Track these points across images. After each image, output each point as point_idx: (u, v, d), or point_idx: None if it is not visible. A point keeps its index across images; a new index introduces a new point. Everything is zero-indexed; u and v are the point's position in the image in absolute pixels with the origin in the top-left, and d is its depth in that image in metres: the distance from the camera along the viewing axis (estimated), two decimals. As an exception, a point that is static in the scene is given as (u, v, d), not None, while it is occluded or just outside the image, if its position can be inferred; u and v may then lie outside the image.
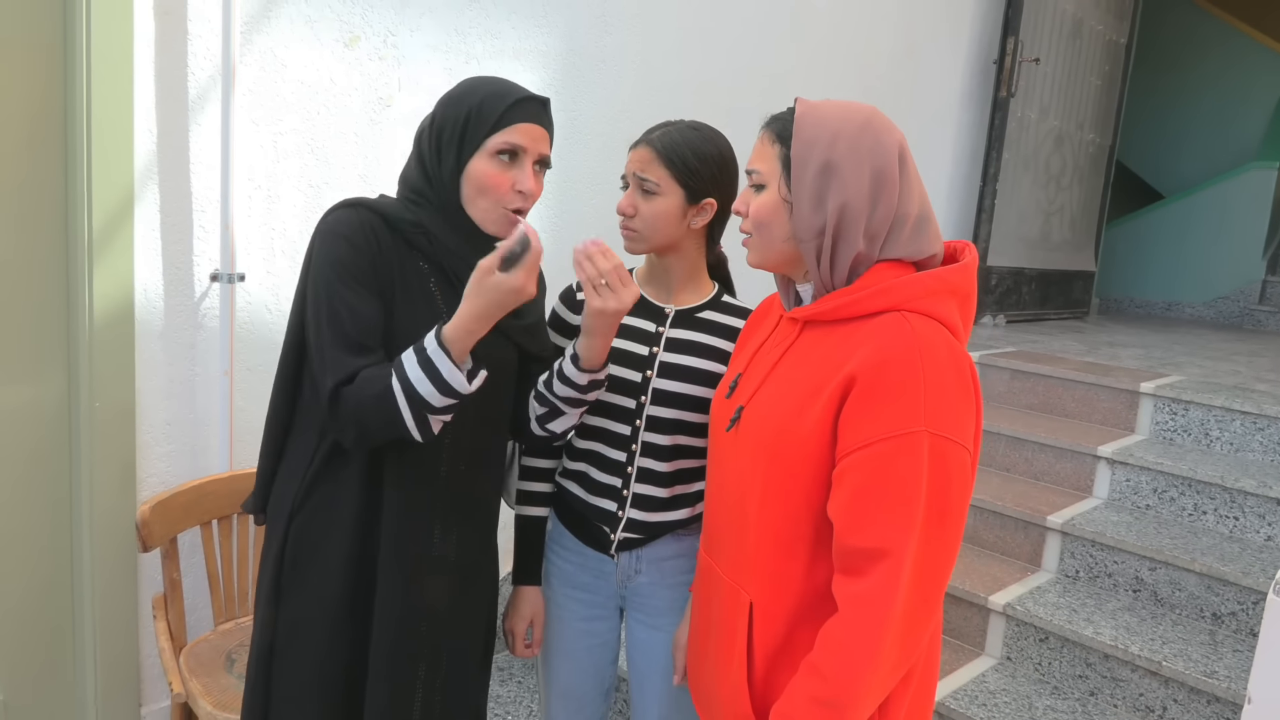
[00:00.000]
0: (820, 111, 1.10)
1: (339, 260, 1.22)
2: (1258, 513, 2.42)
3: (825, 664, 1.00)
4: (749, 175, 1.16)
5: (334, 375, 1.21)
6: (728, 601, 1.17)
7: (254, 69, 1.98)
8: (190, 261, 1.95)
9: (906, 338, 1.01)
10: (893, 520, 0.98)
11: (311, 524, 1.31)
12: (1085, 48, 4.48)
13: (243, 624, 2.05)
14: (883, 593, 0.97)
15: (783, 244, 1.13)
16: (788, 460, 1.07)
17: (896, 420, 0.98)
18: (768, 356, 1.19)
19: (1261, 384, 3.03)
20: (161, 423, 1.97)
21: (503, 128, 1.24)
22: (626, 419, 1.46)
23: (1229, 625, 2.23)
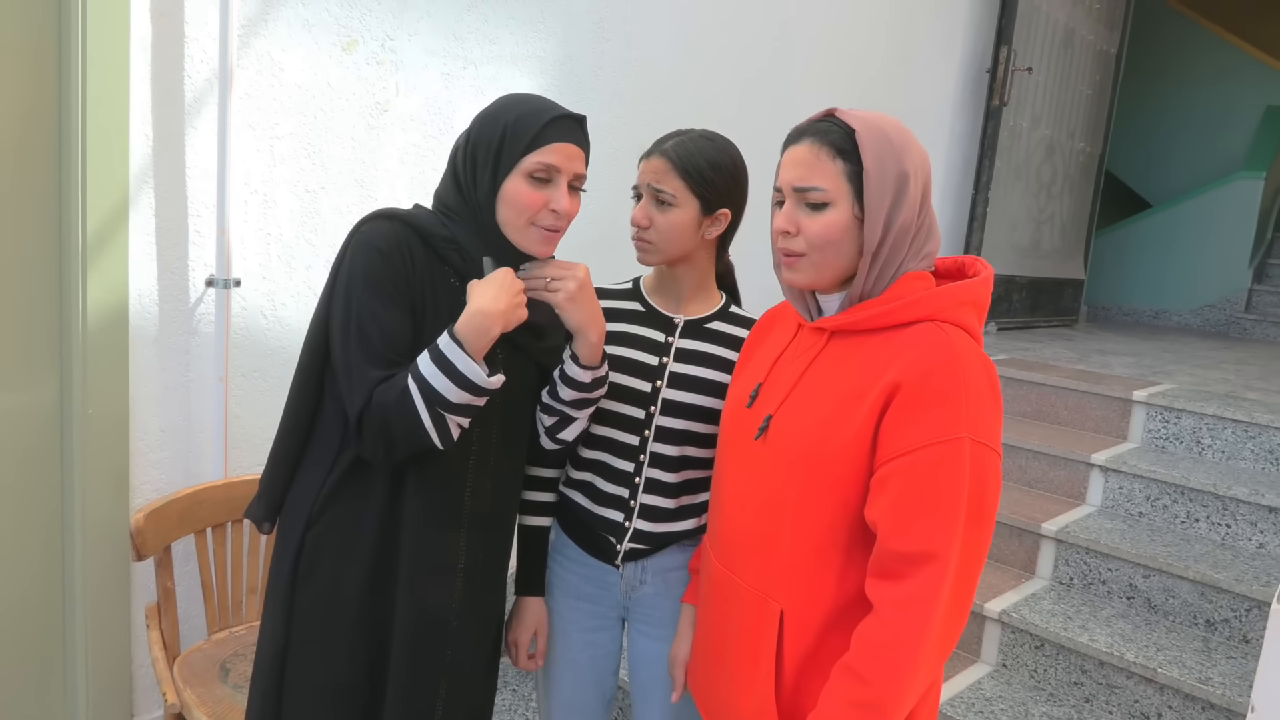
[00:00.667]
0: (875, 123, 1.10)
1: (371, 274, 1.22)
2: (1249, 520, 2.44)
3: (865, 667, 1.01)
4: (804, 193, 1.11)
5: (362, 392, 1.20)
6: (752, 612, 1.16)
7: (251, 73, 1.96)
8: (185, 266, 1.93)
9: (946, 347, 1.04)
10: (938, 524, 1.00)
11: (329, 535, 1.30)
12: (1076, 57, 4.51)
13: (237, 633, 2.03)
14: (927, 595, 0.99)
15: (846, 261, 1.12)
16: (825, 467, 1.08)
17: (940, 427, 1.01)
18: (792, 365, 1.18)
19: (1252, 392, 3.05)
20: (155, 429, 1.95)
21: (537, 148, 1.23)
22: (635, 429, 1.46)
23: (1222, 632, 2.24)
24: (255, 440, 2.10)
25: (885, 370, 1.06)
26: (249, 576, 2.07)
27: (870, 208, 1.08)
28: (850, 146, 1.09)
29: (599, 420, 1.47)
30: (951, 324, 1.08)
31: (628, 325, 1.50)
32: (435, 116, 2.29)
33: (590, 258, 1.50)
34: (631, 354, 1.46)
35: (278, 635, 1.32)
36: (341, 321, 1.23)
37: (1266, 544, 2.41)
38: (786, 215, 1.13)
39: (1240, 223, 5.52)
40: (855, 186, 1.09)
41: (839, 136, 1.10)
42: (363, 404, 1.20)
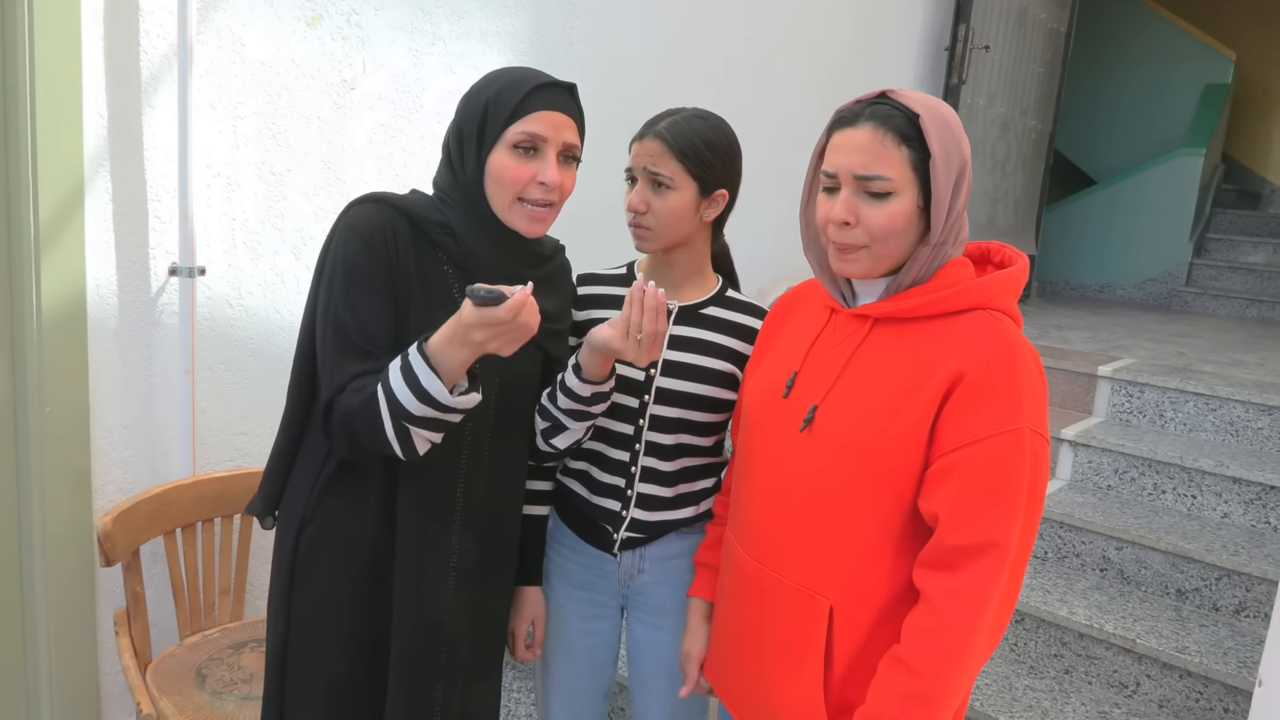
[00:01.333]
0: (935, 109, 1.06)
1: (350, 262, 1.16)
2: (1214, 491, 2.50)
3: (917, 659, 1.00)
4: (867, 181, 1.05)
5: (332, 386, 1.16)
6: (797, 609, 1.12)
7: (211, 48, 1.86)
8: (146, 254, 1.83)
9: (1005, 337, 1.03)
10: (1000, 515, 0.99)
11: (324, 535, 1.25)
12: (1030, 35, 4.56)
13: (211, 636, 1.94)
14: (984, 586, 0.98)
15: (904, 251, 1.09)
16: (880, 459, 1.05)
17: (1003, 417, 1.00)
18: (832, 354, 1.14)
19: (1207, 365, 3.13)
20: (118, 427, 1.85)
21: (520, 117, 1.17)
22: (629, 418, 1.42)
23: (1193, 601, 2.30)
24: (223, 435, 2.01)
25: (943, 360, 1.03)
26: (221, 577, 1.99)
27: (937, 197, 1.04)
28: (914, 133, 1.04)
29: None
30: (1002, 312, 1.06)
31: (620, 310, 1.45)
32: (404, 95, 2.20)
33: (566, 239, 1.45)
34: None
35: (279, 636, 1.29)
36: (321, 311, 1.19)
37: (1230, 513, 2.47)
38: (846, 205, 1.06)
39: (1181, 198, 5.67)
40: (920, 175, 1.05)
41: (902, 122, 1.04)
42: (330, 397, 1.16)
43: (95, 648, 1.87)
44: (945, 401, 1.03)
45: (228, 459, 2.02)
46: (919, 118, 1.04)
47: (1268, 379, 2.90)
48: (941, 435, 1.03)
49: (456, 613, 1.31)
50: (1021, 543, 1.01)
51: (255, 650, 1.91)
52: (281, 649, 1.28)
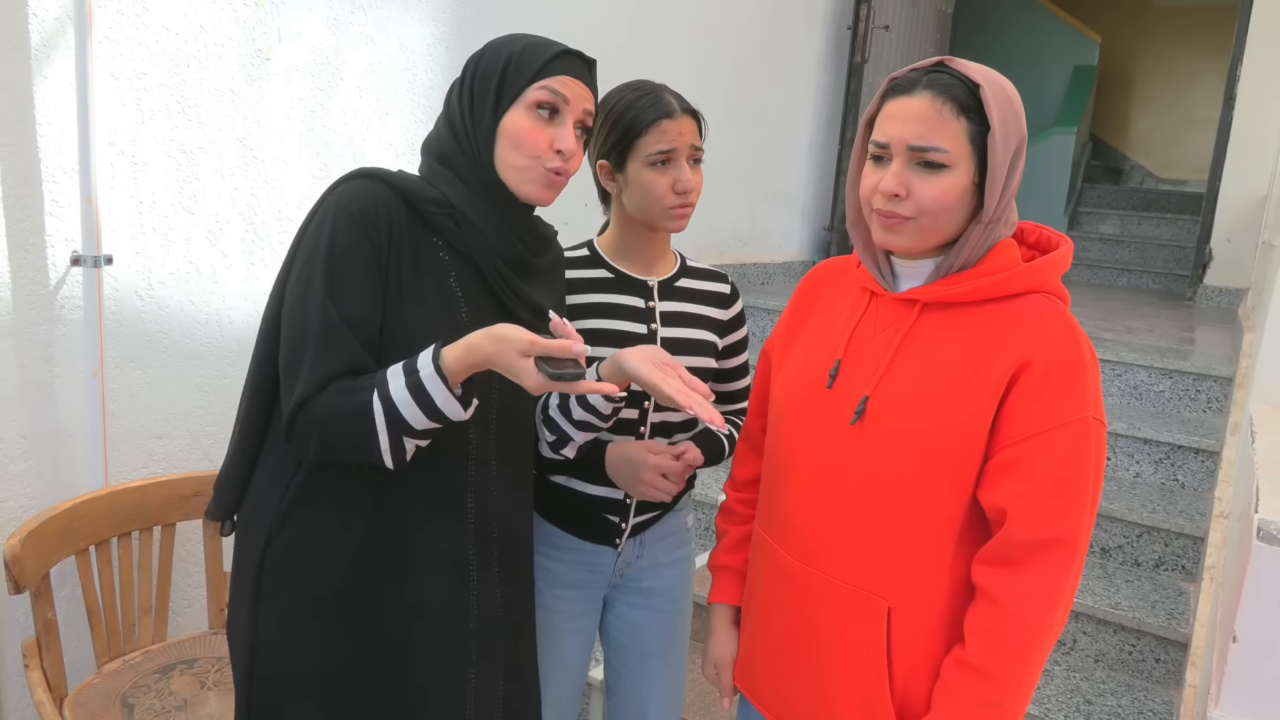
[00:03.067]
0: (995, 80, 1.01)
1: (338, 245, 1.05)
2: (1126, 452, 2.63)
3: (990, 663, 0.96)
4: (922, 152, 0.99)
5: (309, 382, 1.04)
6: (855, 611, 1.06)
7: (111, 13, 1.67)
8: (43, 243, 1.63)
9: (1069, 324, 0.99)
10: (1071, 508, 0.96)
11: (295, 547, 1.13)
12: (922, 16, 4.68)
13: (133, 661, 1.77)
14: (1056, 581, 0.95)
15: (956, 227, 1.03)
16: (940, 452, 1.00)
17: (1069, 407, 0.96)
18: (878, 340, 1.08)
19: (1106, 333, 3.29)
20: (16, 436, 1.64)
21: (545, 77, 1.09)
22: (633, 402, 1.37)
23: (1116, 558, 2.41)
24: (138, 440, 1.83)
25: (1004, 346, 0.99)
26: (141, 596, 1.81)
27: (994, 172, 0.99)
28: (974, 104, 0.99)
29: None
30: (1055, 295, 1.03)
31: (602, 294, 1.39)
32: (323, 67, 2.05)
33: None
34: (618, 325, 1.36)
35: (245, 656, 1.16)
36: (297, 297, 1.07)
37: (1142, 473, 2.61)
38: (896, 176, 1.01)
39: (1056, 174, 5.98)
40: (977, 149, 1.00)
41: (962, 92, 0.99)
42: (306, 397, 1.04)
43: (0, 683, 1.67)
44: (1010, 390, 0.99)
45: (143, 466, 1.84)
46: (980, 88, 0.99)
47: (1162, 344, 3.07)
48: (1006, 425, 0.98)
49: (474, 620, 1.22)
50: (1088, 534, 0.99)
51: (185, 673, 1.75)
52: (248, 670, 1.16)
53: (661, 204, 1.30)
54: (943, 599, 1.03)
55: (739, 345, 1.51)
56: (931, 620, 1.03)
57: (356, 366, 1.05)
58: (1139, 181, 7.11)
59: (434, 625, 1.18)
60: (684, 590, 1.53)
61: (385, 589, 1.15)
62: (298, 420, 1.05)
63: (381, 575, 1.15)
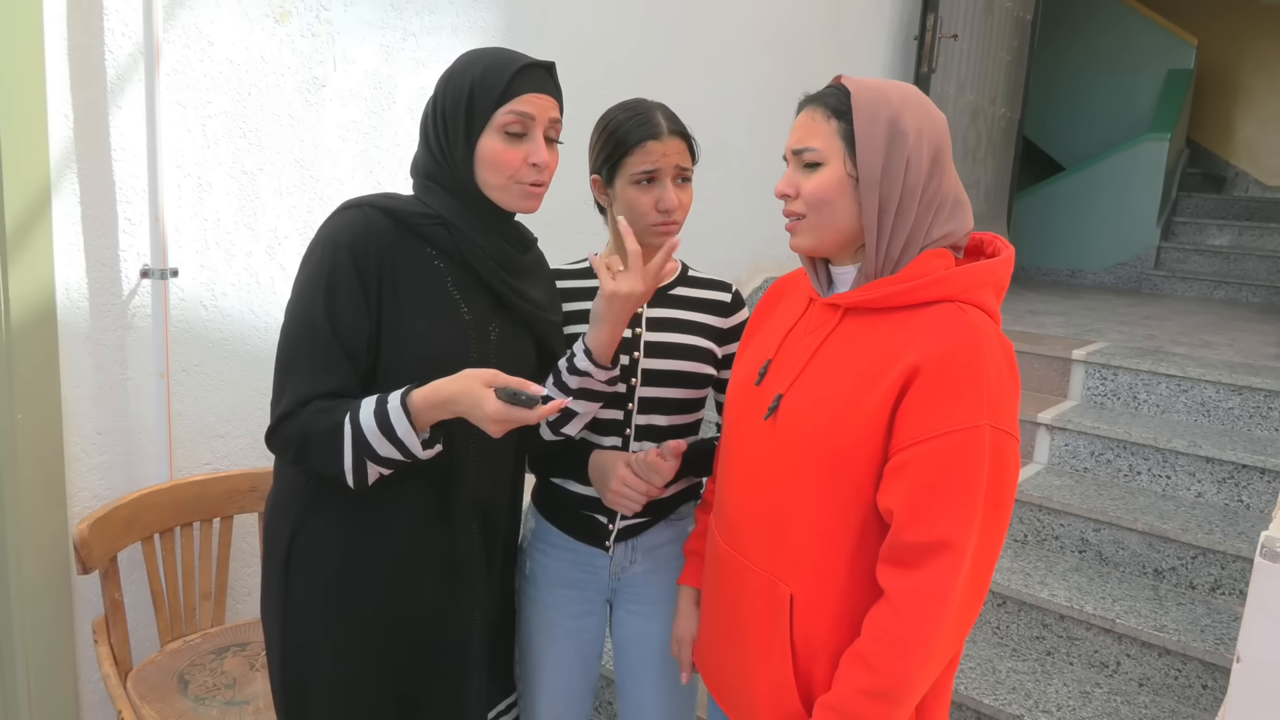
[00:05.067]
0: (875, 85, 1.08)
1: (331, 271, 1.15)
2: (1188, 471, 2.54)
3: (875, 656, 1.00)
4: (797, 155, 1.10)
5: (294, 397, 1.15)
6: (763, 595, 1.13)
7: (178, 47, 1.83)
8: (116, 257, 1.80)
9: (968, 330, 1.01)
10: (956, 513, 0.97)
11: (318, 538, 1.24)
12: (996, 24, 4.59)
13: (192, 642, 1.92)
14: (942, 585, 0.97)
15: (842, 223, 1.09)
16: (836, 450, 1.05)
17: (961, 414, 0.98)
18: (803, 343, 1.15)
19: (1178, 347, 3.18)
20: (91, 433, 1.81)
21: (509, 100, 1.17)
22: (618, 404, 1.42)
23: (1170, 580, 2.33)
24: (200, 439, 1.98)
25: (903, 352, 1.02)
26: (201, 582, 1.96)
27: (862, 161, 1.06)
28: (846, 107, 1.07)
29: None
30: (972, 305, 1.05)
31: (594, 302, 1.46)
32: (376, 91, 2.18)
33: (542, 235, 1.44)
34: None
35: (278, 645, 1.28)
36: (294, 319, 1.18)
37: (1204, 493, 2.51)
38: (786, 178, 1.12)
39: (1148, 183, 5.74)
40: (849, 145, 1.07)
41: (836, 99, 1.09)
42: (289, 410, 1.16)
43: (74, 657, 1.84)
44: (902, 395, 1.01)
45: (205, 462, 2.00)
46: (851, 94, 1.08)
47: (1236, 359, 2.94)
48: (899, 430, 1.01)
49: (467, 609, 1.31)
50: (984, 542, 1.00)
51: (237, 655, 1.89)
52: (282, 658, 1.27)
53: (644, 221, 1.36)
54: (839, 591, 1.07)
55: None
56: (829, 610, 1.08)
57: (337, 389, 1.16)
58: (1244, 189, 6.75)
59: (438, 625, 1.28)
60: None
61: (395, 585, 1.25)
62: (279, 430, 1.17)
63: (390, 571, 1.24)
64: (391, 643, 1.26)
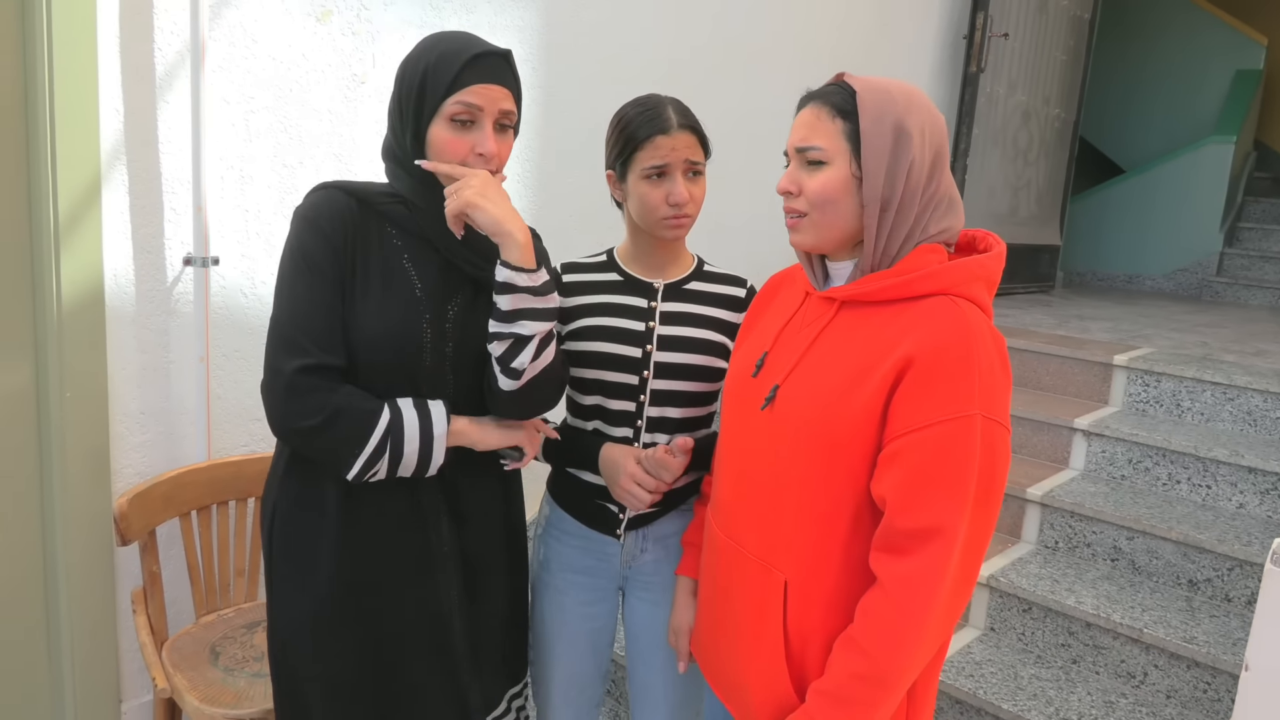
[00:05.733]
0: (880, 85, 1.10)
1: (301, 248, 1.21)
2: (1229, 481, 2.47)
3: (869, 641, 1.02)
4: (801, 153, 1.12)
5: (293, 358, 1.18)
6: (757, 582, 1.15)
7: (224, 45, 1.91)
8: (161, 245, 1.89)
9: (961, 322, 1.03)
10: (947, 501, 0.99)
11: (292, 519, 1.29)
12: (1051, 23, 4.51)
13: (225, 616, 2.00)
14: (933, 571, 0.99)
15: (845, 222, 1.11)
16: (832, 440, 1.07)
17: (953, 403, 1.00)
18: (800, 335, 1.17)
19: (1229, 355, 3.09)
20: (135, 412, 1.91)
21: (456, 91, 1.19)
22: (629, 395, 1.45)
23: (1205, 591, 2.28)
24: (238, 421, 2.06)
25: (897, 344, 1.04)
26: (236, 559, 2.05)
27: (867, 164, 1.07)
28: (851, 107, 1.08)
29: (592, 390, 1.46)
30: (965, 299, 1.07)
31: (608, 295, 1.48)
32: (413, 88, 2.24)
33: (572, 230, 1.47)
34: (617, 322, 1.45)
35: (272, 627, 1.33)
36: (276, 292, 1.23)
37: (1246, 504, 2.45)
38: (789, 175, 1.13)
39: (1212, 187, 5.57)
40: (854, 145, 1.08)
41: (841, 98, 1.10)
42: (268, 382, 1.20)
43: (115, 625, 1.94)
44: (896, 386, 1.04)
45: (242, 444, 2.08)
46: (856, 93, 1.08)
47: (1289, 368, 2.85)
48: (892, 419, 1.03)
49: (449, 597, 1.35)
50: (974, 530, 1.02)
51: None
52: (278, 642, 1.32)
53: (655, 215, 1.38)
54: (834, 577, 1.09)
55: None
56: (823, 596, 1.10)
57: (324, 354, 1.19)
58: (1317, 194, 6.50)
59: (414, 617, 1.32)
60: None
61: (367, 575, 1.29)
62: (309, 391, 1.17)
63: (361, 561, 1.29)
64: (369, 634, 1.30)
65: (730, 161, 3.00)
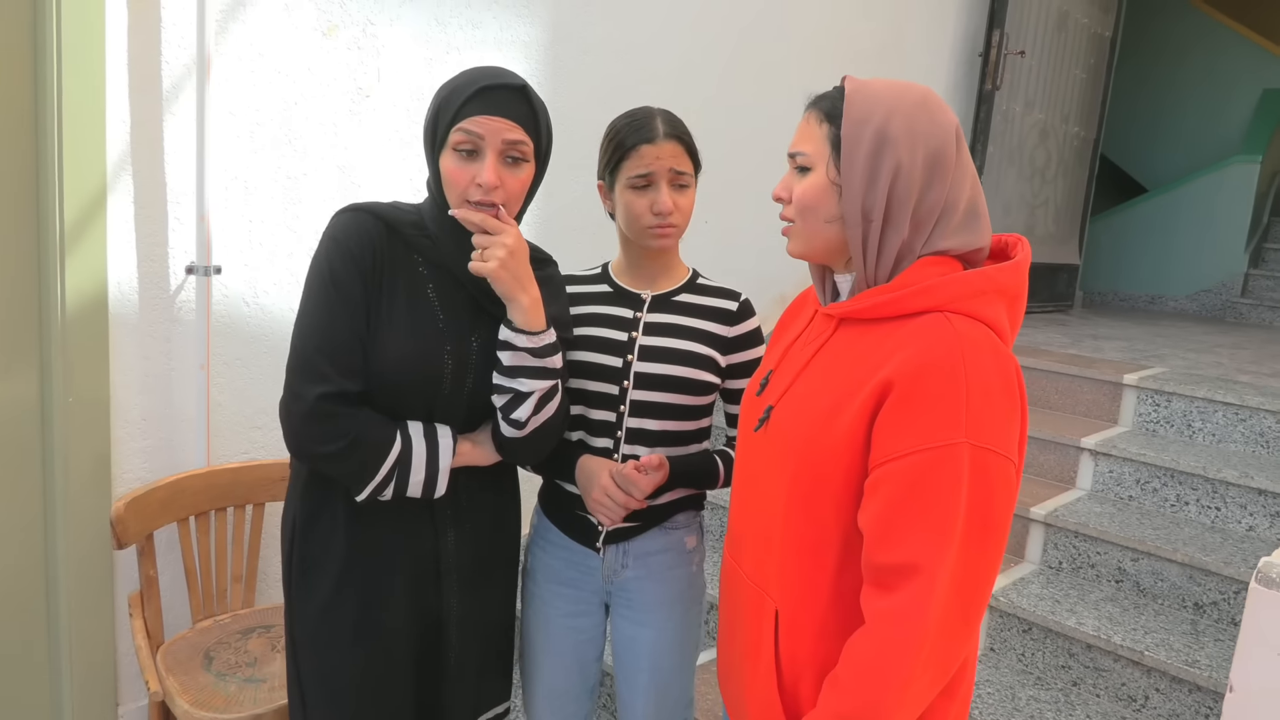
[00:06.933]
0: (872, 88, 1.03)
1: (330, 269, 1.23)
2: (1239, 503, 2.43)
3: (849, 680, 0.95)
4: (792, 158, 1.08)
5: (315, 385, 1.21)
6: (752, 607, 1.11)
7: (230, 58, 1.95)
8: (165, 254, 1.92)
9: (949, 342, 0.94)
10: (927, 536, 0.92)
11: (312, 531, 1.31)
12: (1070, 41, 4.48)
13: (222, 621, 2.02)
14: (915, 610, 0.91)
15: (827, 230, 1.06)
16: (817, 466, 1.01)
17: (935, 431, 0.92)
18: (800, 354, 1.12)
19: (1244, 375, 3.04)
20: (137, 418, 1.94)
21: (460, 120, 1.21)
22: (609, 405, 1.45)
23: (1210, 615, 2.23)
24: (238, 428, 2.09)
25: (881, 365, 0.97)
26: (233, 565, 2.07)
27: (843, 169, 1.02)
28: (839, 111, 1.03)
29: (576, 400, 1.46)
30: (965, 315, 0.98)
31: (597, 306, 1.49)
32: (418, 102, 2.27)
33: (578, 244, 1.49)
34: (600, 332, 1.46)
35: (289, 630, 1.36)
36: (301, 311, 1.26)
37: (1256, 526, 2.40)
38: (782, 182, 1.09)
39: (1236, 207, 5.50)
40: (837, 150, 1.03)
41: (832, 101, 1.05)
42: (288, 406, 1.23)
43: (113, 629, 1.96)
44: (877, 411, 0.96)
45: (242, 451, 2.10)
46: (845, 95, 1.03)
47: (1305, 390, 2.80)
48: (875, 447, 0.96)
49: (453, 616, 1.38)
50: (969, 566, 0.93)
51: (262, 636, 1.98)
52: (293, 642, 1.35)
53: (640, 224, 1.39)
54: (823, 609, 1.03)
55: (748, 366, 1.51)
56: (813, 628, 1.04)
57: (344, 378, 1.22)
58: (1347, 215, 6.39)
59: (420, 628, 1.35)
60: (680, 608, 1.54)
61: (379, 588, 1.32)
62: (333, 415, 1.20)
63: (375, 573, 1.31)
64: (374, 641, 1.32)
65: (740, 174, 3.01)
